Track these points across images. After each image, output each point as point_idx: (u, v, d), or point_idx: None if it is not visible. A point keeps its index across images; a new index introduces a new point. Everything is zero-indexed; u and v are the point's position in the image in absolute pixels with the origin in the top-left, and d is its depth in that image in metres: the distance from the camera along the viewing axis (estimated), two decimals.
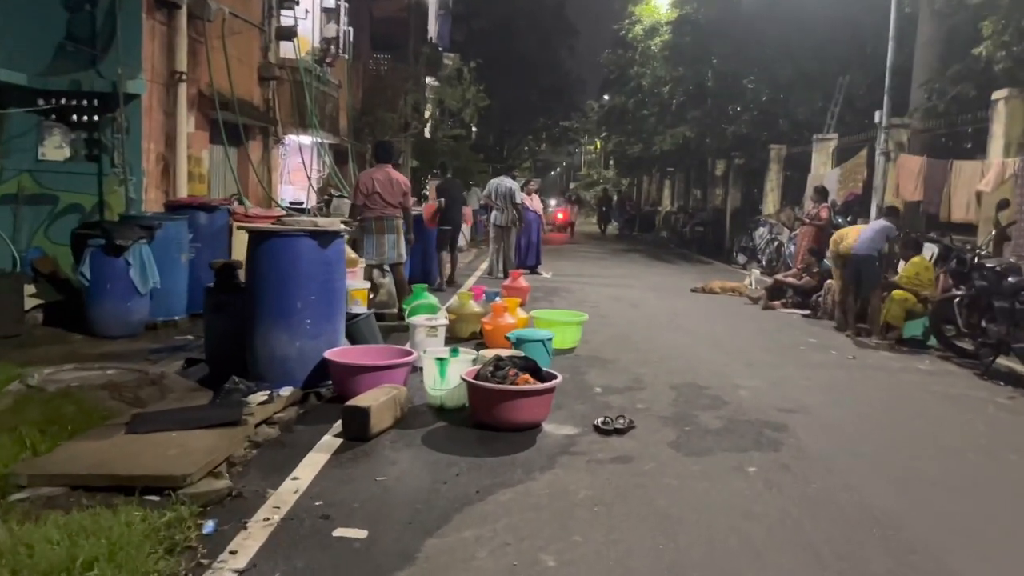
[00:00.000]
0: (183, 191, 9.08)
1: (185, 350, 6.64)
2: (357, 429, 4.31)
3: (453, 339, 7.18)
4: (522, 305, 9.46)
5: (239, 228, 5.78)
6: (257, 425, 4.42)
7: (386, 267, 8.22)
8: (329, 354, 5.10)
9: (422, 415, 4.88)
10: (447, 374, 4.90)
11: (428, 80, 22.84)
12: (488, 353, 5.24)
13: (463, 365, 4.96)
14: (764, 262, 16.72)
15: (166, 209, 8.35)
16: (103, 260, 7.00)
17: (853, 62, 16.51)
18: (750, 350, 7.53)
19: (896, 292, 8.46)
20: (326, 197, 11.91)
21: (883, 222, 8.60)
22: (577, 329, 7.04)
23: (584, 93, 39.25)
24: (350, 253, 6.68)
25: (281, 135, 12.51)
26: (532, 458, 4.15)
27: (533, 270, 13.72)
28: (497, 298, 7.54)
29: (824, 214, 11.99)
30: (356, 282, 6.42)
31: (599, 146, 47.07)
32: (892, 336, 8.32)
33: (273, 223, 5.65)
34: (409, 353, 5.29)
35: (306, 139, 13.52)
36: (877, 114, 12.37)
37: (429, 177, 20.33)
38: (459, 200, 12.41)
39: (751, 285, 12.73)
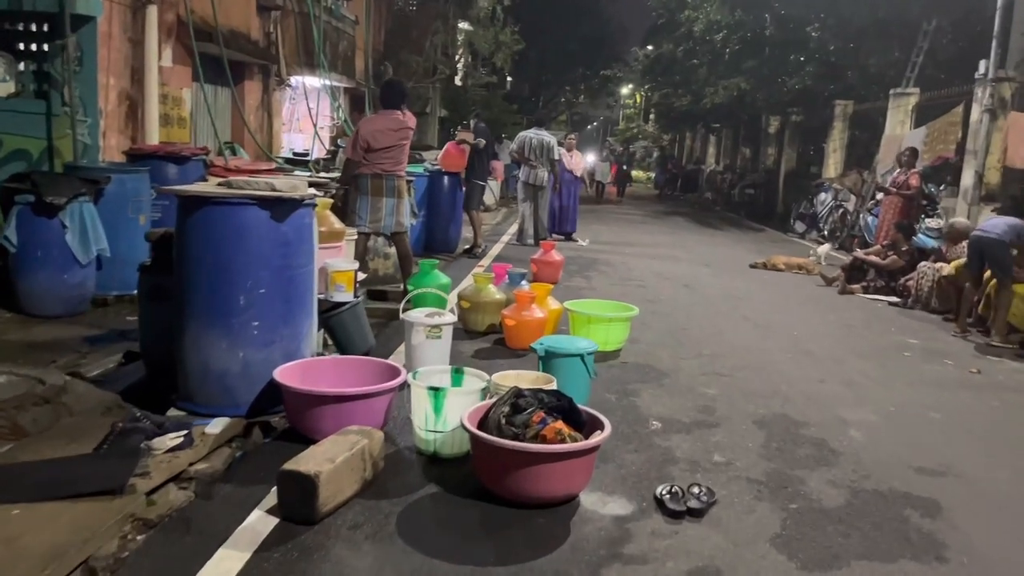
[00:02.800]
0: (154, 137, 7.63)
1: (130, 338, 5.24)
2: (299, 507, 2.84)
3: (466, 332, 5.71)
4: (554, 284, 7.95)
5: (157, 190, 4.33)
6: (156, 489, 2.97)
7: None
8: (281, 373, 3.63)
9: (405, 469, 3.41)
10: (444, 410, 3.41)
11: (459, 25, 21.02)
12: (504, 380, 3.73)
13: (467, 398, 3.47)
14: (826, 232, 14.98)
15: (128, 158, 6.90)
16: (33, 221, 5.59)
17: (938, 6, 14.39)
18: (843, 357, 5.93)
19: (1020, 287, 6.78)
20: (332, 148, 10.42)
21: (1015, 219, 6.85)
22: (624, 327, 5.50)
23: (627, 42, 36.94)
24: (333, 223, 5.18)
25: (285, 75, 10.94)
26: (564, 569, 2.66)
27: (568, 237, 12.12)
28: (523, 282, 6.01)
29: (915, 182, 10.24)
30: (339, 261, 4.93)
31: (639, 99, 44.83)
32: (1015, 339, 6.67)
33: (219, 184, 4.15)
34: (396, 372, 3.80)
35: (316, 81, 11.96)
36: (983, 64, 10.44)
37: (459, 129, 18.71)
38: (488, 151, 10.73)
39: (820, 261, 11.05)
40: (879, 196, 11.59)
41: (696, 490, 3.23)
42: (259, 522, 2.84)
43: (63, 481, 2.84)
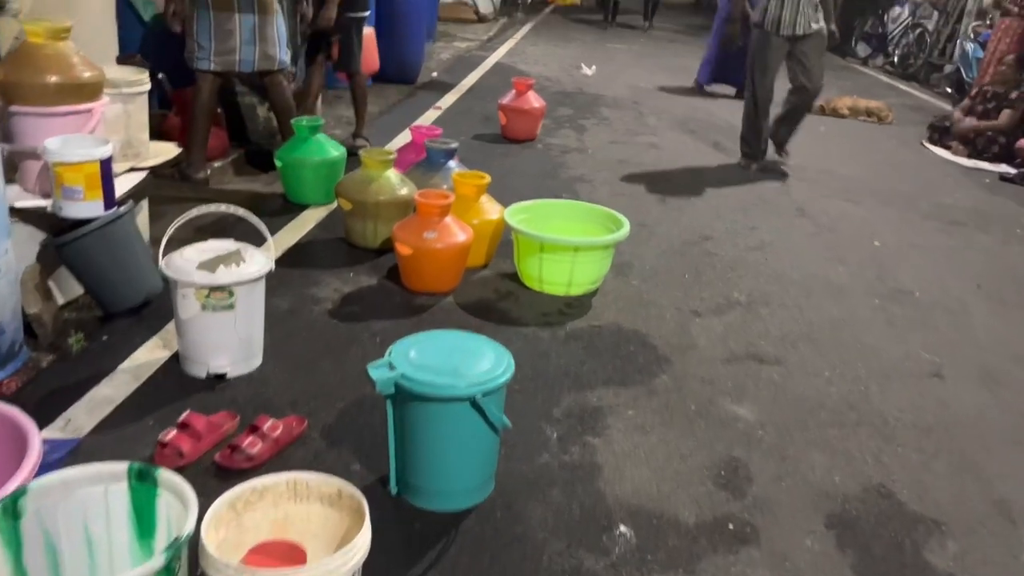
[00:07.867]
0: None
1: None
2: None
3: (351, 248, 3.52)
4: (532, 140, 5.77)
5: None
6: None
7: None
8: None
9: None
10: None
11: None
12: (217, 529, 1.57)
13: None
14: (896, 58, 12.11)
15: None
16: None
17: None
18: (961, 301, 3.68)
19: None
20: None
21: None
22: (601, 258, 3.24)
23: None
24: (75, 66, 2.78)
25: None
26: None
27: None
28: (451, 162, 3.70)
29: None
30: (78, 142, 2.61)
31: None
32: None
33: None
34: (23, 444, 1.64)
35: None
36: None
37: None
38: None
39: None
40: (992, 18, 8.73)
41: None
42: None
43: None
